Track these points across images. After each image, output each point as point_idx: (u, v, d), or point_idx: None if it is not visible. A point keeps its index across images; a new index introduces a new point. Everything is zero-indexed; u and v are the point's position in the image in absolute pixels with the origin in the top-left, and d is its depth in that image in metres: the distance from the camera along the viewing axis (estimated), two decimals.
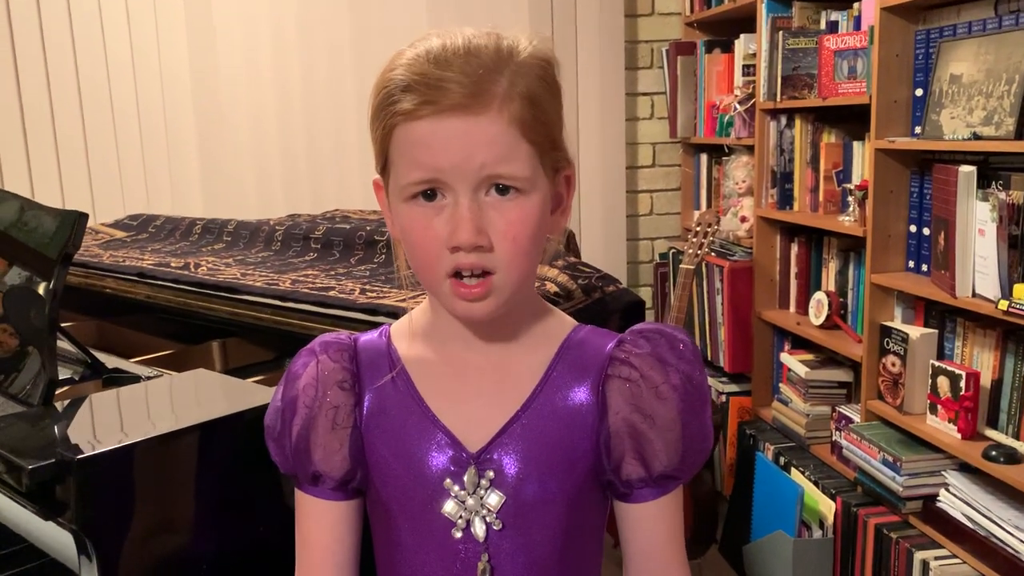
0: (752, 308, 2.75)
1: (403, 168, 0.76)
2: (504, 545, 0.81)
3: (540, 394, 0.82)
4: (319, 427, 0.82)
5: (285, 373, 0.87)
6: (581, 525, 0.84)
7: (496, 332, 0.83)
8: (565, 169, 0.82)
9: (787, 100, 2.51)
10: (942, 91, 1.95)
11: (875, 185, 2.12)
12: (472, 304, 0.76)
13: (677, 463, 0.82)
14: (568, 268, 1.56)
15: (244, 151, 3.05)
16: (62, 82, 2.91)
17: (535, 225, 0.76)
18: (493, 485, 0.80)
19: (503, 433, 0.81)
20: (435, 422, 0.81)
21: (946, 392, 1.93)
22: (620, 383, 0.81)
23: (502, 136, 0.73)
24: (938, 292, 1.94)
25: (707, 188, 3.16)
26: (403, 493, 0.82)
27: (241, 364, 1.68)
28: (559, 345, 0.84)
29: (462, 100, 0.72)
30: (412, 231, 0.77)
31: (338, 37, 3.01)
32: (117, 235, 2.27)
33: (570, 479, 0.82)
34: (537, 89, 0.76)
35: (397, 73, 0.74)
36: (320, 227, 1.95)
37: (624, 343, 0.83)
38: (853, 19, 2.32)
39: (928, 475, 2.01)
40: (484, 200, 0.75)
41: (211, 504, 1.07)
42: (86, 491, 0.93)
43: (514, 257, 0.76)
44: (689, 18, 3.15)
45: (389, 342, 0.86)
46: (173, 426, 1.04)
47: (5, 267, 1.30)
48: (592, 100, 3.18)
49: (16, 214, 1.29)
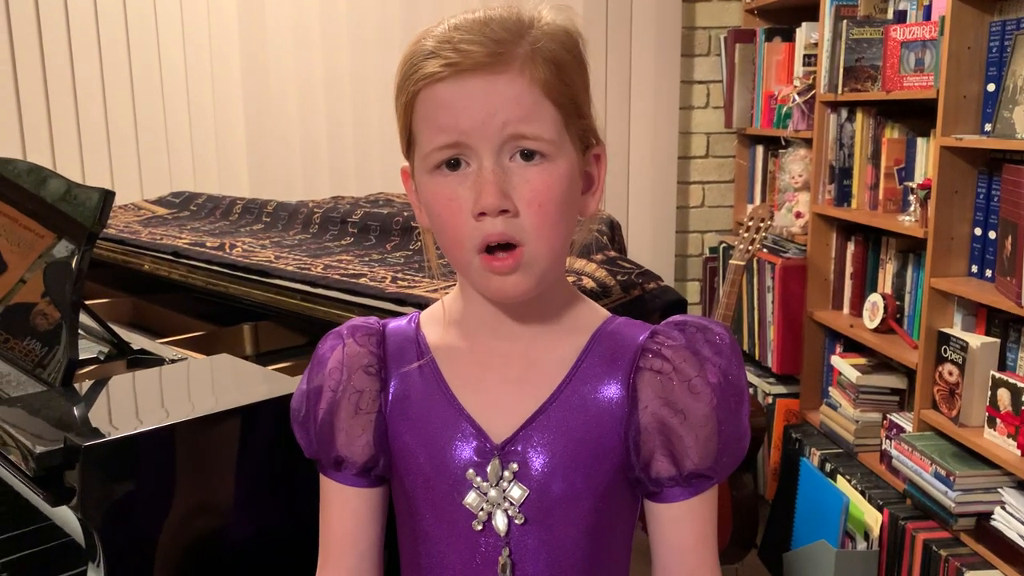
0: (804, 308, 2.66)
1: (427, 135, 0.74)
2: (526, 540, 0.79)
3: (568, 385, 0.79)
4: (342, 411, 0.82)
5: (313, 356, 0.86)
6: (609, 523, 0.81)
7: (525, 319, 0.80)
8: (595, 147, 0.79)
9: (849, 92, 2.41)
10: (1016, 87, 1.84)
11: (939, 184, 2.02)
12: (505, 279, 0.74)
13: (710, 463, 0.78)
14: (607, 263, 1.50)
15: (291, 131, 3.04)
16: (114, 60, 2.92)
17: (562, 193, 0.74)
18: (516, 478, 0.78)
19: (528, 425, 0.78)
20: (460, 411, 0.80)
21: (1006, 406, 1.83)
22: (651, 376, 0.78)
23: (525, 95, 0.72)
24: (1002, 300, 1.84)
25: (762, 181, 3.06)
26: (425, 482, 0.80)
27: (272, 348, 1.65)
28: (590, 335, 0.81)
29: (484, 59, 0.72)
30: (436, 203, 0.75)
31: (389, 19, 2.97)
32: (159, 212, 2.26)
33: (597, 475, 0.79)
34: (560, 53, 0.75)
35: (421, 44, 0.75)
36: (358, 211, 1.92)
37: (658, 334, 0.80)
38: (923, 8, 2.21)
39: (983, 491, 1.91)
40: (508, 165, 0.73)
41: (224, 495, 1.04)
42: (93, 478, 0.91)
43: (541, 226, 0.73)
44: (749, 5, 3.05)
45: (418, 329, 0.85)
46: (188, 414, 1.01)
47: (54, 240, 1.29)
48: (646, 87, 3.11)
49: (65, 188, 1.28)
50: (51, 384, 1.16)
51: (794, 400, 2.76)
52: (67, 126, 2.93)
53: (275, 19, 2.96)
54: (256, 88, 2.99)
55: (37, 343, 1.22)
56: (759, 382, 2.88)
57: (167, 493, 0.98)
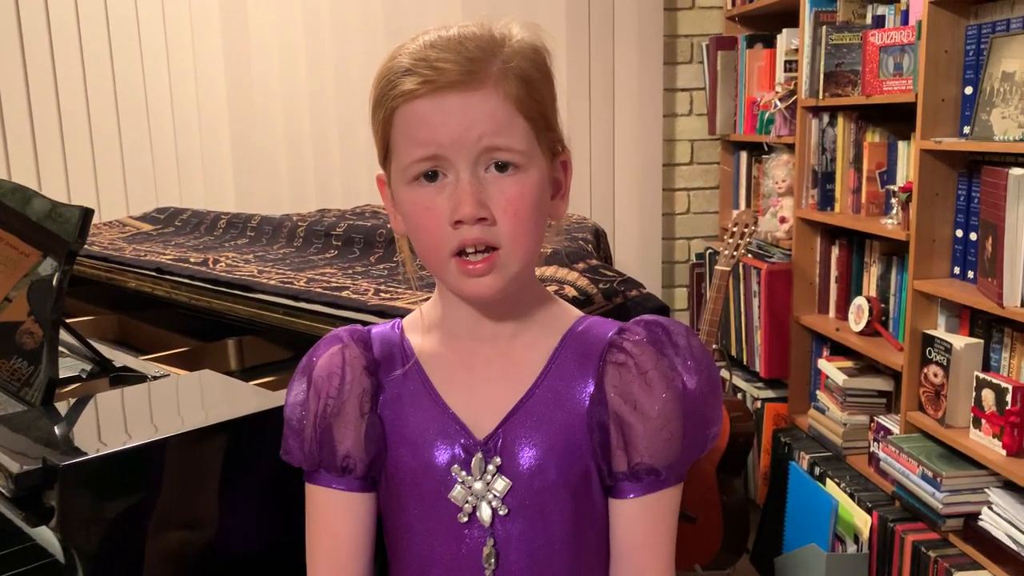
0: (790, 312, 2.67)
1: (405, 149, 0.77)
2: (510, 530, 0.82)
3: (543, 382, 0.83)
4: (349, 413, 0.83)
5: (303, 365, 0.87)
6: (590, 515, 0.84)
7: (501, 320, 0.84)
8: (562, 154, 0.83)
9: (830, 97, 2.42)
10: (993, 89, 1.85)
11: (920, 187, 2.03)
12: (479, 280, 0.77)
13: (662, 459, 0.80)
14: (589, 271, 1.50)
15: (277, 145, 3.03)
16: (97, 76, 2.91)
17: (535, 201, 0.78)
18: (500, 471, 0.81)
19: (508, 420, 0.82)
20: (446, 411, 0.83)
21: (991, 406, 1.84)
22: (613, 369, 0.82)
23: (498, 110, 0.76)
24: (984, 300, 1.85)
25: (746, 187, 3.08)
26: (413, 479, 0.83)
27: (256, 363, 1.65)
28: (563, 334, 0.85)
29: (459, 77, 0.75)
30: (415, 213, 0.78)
31: (373, 33, 2.98)
32: (144, 228, 2.26)
33: (574, 467, 0.82)
34: (530, 69, 0.78)
35: (397, 61, 0.78)
36: (342, 224, 1.92)
37: (624, 331, 0.84)
38: (901, 13, 2.22)
39: (970, 492, 1.92)
40: (484, 176, 0.76)
41: (207, 512, 1.03)
42: (72, 498, 0.91)
43: (517, 232, 0.77)
44: (731, 12, 3.06)
45: (402, 334, 0.88)
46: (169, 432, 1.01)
47: (39, 258, 1.29)
48: (629, 95, 3.12)
49: (49, 207, 1.28)
50: (32, 404, 1.15)
51: (782, 404, 2.76)
52: (52, 143, 2.92)
53: (259, 34, 2.96)
54: (241, 102, 2.99)
55: (24, 362, 1.21)
56: (747, 386, 2.89)
57: (148, 511, 0.97)
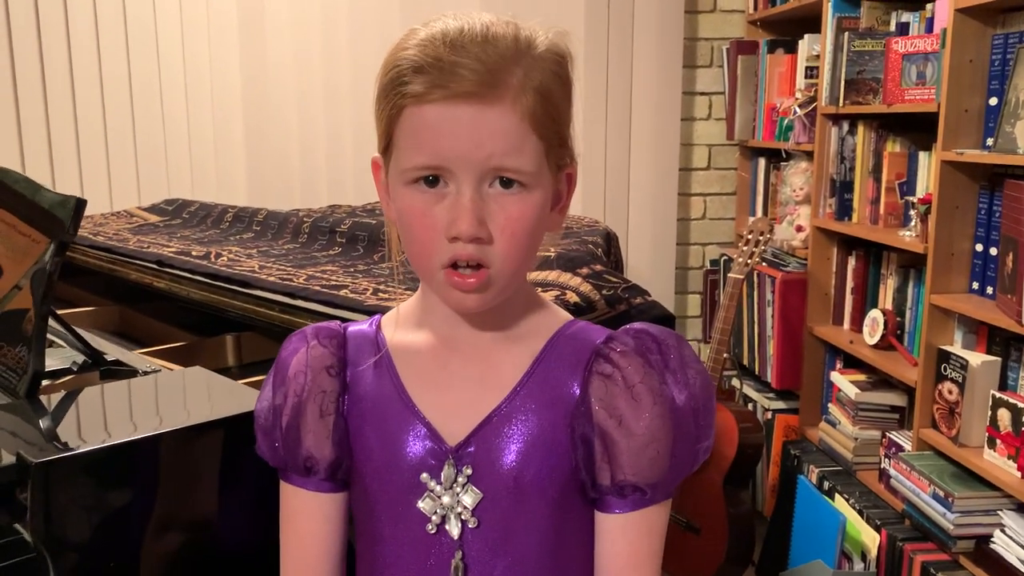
0: (804, 323, 2.62)
1: (407, 151, 0.73)
2: (479, 543, 0.78)
3: (524, 388, 0.79)
4: (308, 414, 0.81)
5: (275, 362, 0.85)
6: (571, 528, 0.80)
7: (484, 322, 0.80)
8: (568, 167, 0.80)
9: (850, 105, 2.37)
10: (1018, 101, 1.80)
11: (940, 199, 1.98)
12: (465, 295, 0.75)
13: (646, 478, 0.77)
14: (592, 277, 1.47)
15: (290, 140, 3.02)
16: (113, 69, 2.92)
17: (535, 221, 0.75)
18: (471, 481, 0.78)
19: (483, 427, 0.78)
20: (414, 411, 0.80)
21: (1007, 426, 1.79)
22: (599, 380, 0.77)
23: (514, 129, 0.72)
24: (1003, 318, 1.79)
25: (764, 194, 3.03)
26: (381, 483, 0.80)
27: (254, 359, 1.63)
28: (548, 338, 0.81)
29: (475, 88, 0.70)
30: (410, 217, 0.75)
31: (388, 27, 2.95)
32: (151, 219, 2.25)
33: (554, 479, 0.78)
34: (551, 84, 0.74)
35: (409, 53, 0.72)
36: (347, 221, 1.89)
37: (612, 339, 0.79)
38: (925, 21, 2.17)
39: (982, 514, 1.87)
40: (487, 191, 0.73)
41: (184, 514, 1.01)
42: (43, 497, 0.88)
43: (510, 252, 0.74)
44: (752, 16, 3.01)
45: (378, 329, 0.85)
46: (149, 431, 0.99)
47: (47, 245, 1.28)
48: (647, 98, 3.08)
49: (60, 197, 1.26)
50: (18, 395, 1.13)
51: (793, 416, 2.71)
52: (66, 134, 2.92)
53: (275, 28, 2.95)
54: (255, 96, 2.98)
55: (27, 350, 1.20)
56: (758, 397, 2.84)
57: (123, 511, 0.95)
